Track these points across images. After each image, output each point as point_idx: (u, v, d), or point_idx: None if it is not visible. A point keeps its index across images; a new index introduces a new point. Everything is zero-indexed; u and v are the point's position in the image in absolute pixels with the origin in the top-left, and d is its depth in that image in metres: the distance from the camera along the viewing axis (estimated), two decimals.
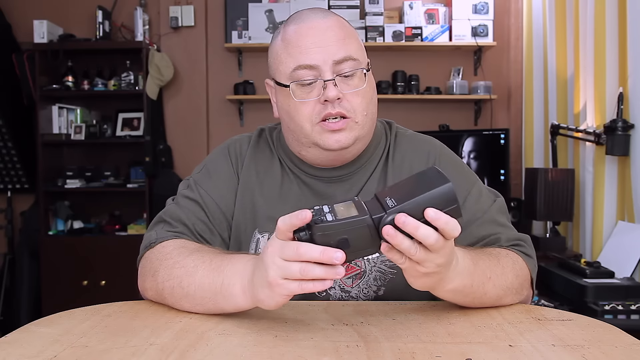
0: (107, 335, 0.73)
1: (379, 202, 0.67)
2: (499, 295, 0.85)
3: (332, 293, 0.97)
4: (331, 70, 0.91)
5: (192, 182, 1.03)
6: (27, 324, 0.78)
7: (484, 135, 3.17)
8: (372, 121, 0.98)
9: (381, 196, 0.68)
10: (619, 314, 1.79)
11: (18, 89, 3.39)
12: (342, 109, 0.92)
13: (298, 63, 0.91)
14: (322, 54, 0.91)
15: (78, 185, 3.42)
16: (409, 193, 0.66)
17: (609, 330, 0.76)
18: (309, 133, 0.94)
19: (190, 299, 0.82)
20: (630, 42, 2.09)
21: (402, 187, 0.69)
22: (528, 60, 3.15)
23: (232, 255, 0.83)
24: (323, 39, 0.91)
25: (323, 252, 0.65)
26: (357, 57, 0.93)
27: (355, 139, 0.94)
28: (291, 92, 0.93)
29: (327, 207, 0.68)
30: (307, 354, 0.66)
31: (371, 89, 0.97)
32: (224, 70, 3.59)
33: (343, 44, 0.92)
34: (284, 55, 0.94)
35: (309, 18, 0.94)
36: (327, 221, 0.64)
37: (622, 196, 2.22)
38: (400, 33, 3.39)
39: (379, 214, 0.65)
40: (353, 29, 0.98)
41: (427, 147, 1.05)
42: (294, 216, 0.66)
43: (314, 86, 0.92)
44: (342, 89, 0.92)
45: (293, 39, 0.93)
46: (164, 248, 0.91)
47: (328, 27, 0.93)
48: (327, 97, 0.90)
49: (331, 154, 0.96)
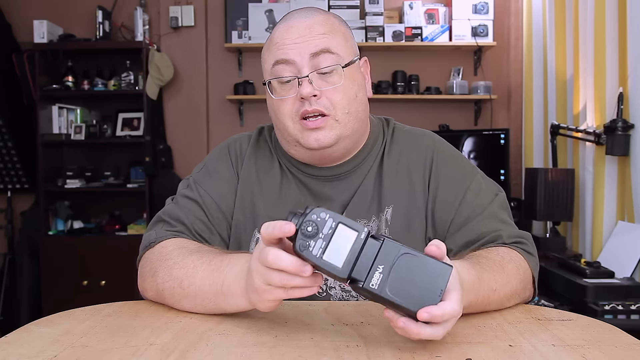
0: (107, 335, 0.73)
1: (372, 262, 0.62)
2: (502, 302, 0.85)
3: (332, 293, 0.97)
4: (308, 66, 0.91)
5: (191, 181, 1.03)
6: (27, 324, 0.78)
7: (484, 135, 3.17)
8: (356, 119, 0.96)
9: (381, 255, 0.62)
10: (619, 314, 1.79)
11: (18, 89, 3.39)
12: (320, 107, 0.91)
13: (276, 58, 0.93)
14: (299, 49, 0.91)
15: (78, 185, 3.42)
16: (397, 282, 0.62)
17: (609, 330, 0.76)
18: (291, 131, 0.94)
19: (190, 300, 0.82)
20: (630, 42, 2.09)
21: (402, 265, 0.62)
22: (528, 60, 3.15)
23: (231, 255, 0.82)
24: (301, 35, 0.92)
25: (293, 264, 0.63)
26: (337, 52, 0.92)
27: (336, 137, 0.93)
28: (269, 89, 0.94)
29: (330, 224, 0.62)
30: (307, 354, 0.66)
31: (355, 85, 0.95)
32: (224, 70, 3.59)
33: (322, 38, 0.92)
34: (267, 54, 0.96)
35: (293, 17, 0.95)
36: (311, 254, 0.61)
37: (622, 196, 2.21)
38: (400, 33, 3.39)
39: (357, 278, 0.62)
40: (341, 26, 0.97)
41: (425, 142, 1.03)
42: (276, 227, 0.63)
43: (293, 83, 0.92)
44: (320, 86, 0.91)
45: (275, 37, 0.95)
46: (163, 248, 0.90)
47: (309, 24, 0.93)
48: (302, 94, 0.90)
49: (316, 153, 0.96)
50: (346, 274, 0.62)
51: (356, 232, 0.62)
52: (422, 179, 0.99)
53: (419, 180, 0.99)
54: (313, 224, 0.62)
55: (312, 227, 0.62)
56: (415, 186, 0.99)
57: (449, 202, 0.97)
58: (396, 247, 0.63)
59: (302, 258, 0.63)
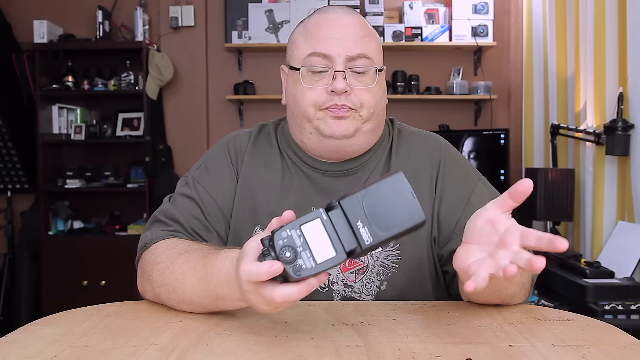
0: (107, 335, 0.73)
1: (350, 226, 0.63)
2: (515, 292, 0.85)
3: (335, 288, 0.97)
4: (344, 64, 0.93)
5: (190, 178, 1.03)
6: (27, 324, 0.77)
7: (484, 135, 3.17)
8: (377, 121, 0.98)
9: (350, 214, 0.63)
10: (619, 314, 1.79)
11: (18, 89, 3.39)
12: (349, 102, 0.93)
13: (313, 50, 0.94)
14: (338, 47, 0.93)
15: (78, 185, 3.41)
16: (381, 219, 0.63)
17: (609, 330, 0.76)
18: (312, 117, 0.95)
19: (187, 304, 0.82)
20: (630, 42, 2.09)
21: (370, 204, 0.63)
22: (528, 60, 3.15)
23: (213, 261, 0.78)
24: (342, 33, 0.94)
25: (302, 293, 0.63)
26: (372, 57, 0.95)
27: (356, 129, 0.95)
28: (301, 76, 0.95)
29: (296, 234, 0.62)
30: (307, 354, 0.66)
31: (381, 90, 0.98)
32: (224, 70, 3.59)
33: (360, 42, 0.94)
34: (301, 41, 0.96)
35: (334, 11, 0.97)
36: (308, 270, 0.61)
37: (622, 196, 2.21)
38: (400, 33, 3.39)
39: (352, 247, 0.63)
40: (376, 33, 1.00)
41: (432, 143, 1.05)
42: (264, 273, 0.62)
43: (324, 75, 0.94)
44: (352, 84, 0.93)
45: (313, 27, 0.96)
46: (156, 250, 0.90)
47: (349, 23, 0.95)
48: (335, 87, 0.92)
49: (331, 143, 0.96)
50: (344, 253, 0.62)
51: (318, 219, 0.63)
52: (429, 180, 1.01)
53: (426, 180, 1.01)
54: (286, 247, 0.61)
55: (289, 250, 0.61)
56: (422, 186, 1.00)
57: (455, 203, 0.98)
58: (352, 198, 0.63)
59: (303, 280, 0.62)
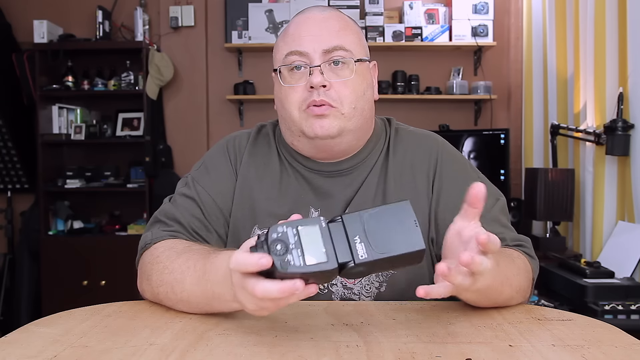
0: (107, 335, 0.73)
1: (347, 240, 0.63)
2: (511, 295, 0.85)
3: (334, 290, 0.97)
4: (321, 59, 0.93)
5: (190, 179, 1.04)
6: (27, 324, 0.77)
7: (484, 135, 3.17)
8: (362, 116, 0.97)
9: (349, 228, 0.63)
10: (619, 314, 1.79)
11: (18, 89, 3.39)
12: (328, 98, 0.93)
13: (290, 49, 0.95)
14: (314, 43, 0.94)
15: (78, 185, 3.41)
16: (379, 240, 0.63)
17: (609, 330, 0.76)
18: (296, 120, 0.95)
19: (185, 304, 0.82)
20: (630, 42, 2.09)
21: (372, 224, 0.64)
22: (528, 60, 3.15)
23: (213, 260, 0.79)
24: (317, 29, 0.95)
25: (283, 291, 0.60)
26: (350, 49, 0.95)
27: (340, 129, 0.94)
28: (280, 77, 0.96)
29: (292, 232, 0.61)
30: (307, 354, 0.66)
31: (364, 84, 0.97)
32: (224, 70, 3.59)
33: (336, 35, 0.95)
34: (281, 44, 0.98)
35: (310, 10, 0.99)
36: (295, 267, 0.60)
37: (622, 196, 2.21)
38: (400, 33, 3.39)
39: (346, 260, 0.62)
40: (354, 25, 1.01)
41: (429, 143, 1.05)
42: (252, 264, 0.61)
43: (303, 73, 0.94)
44: (330, 78, 0.93)
45: (291, 28, 0.98)
46: (155, 250, 0.91)
47: (324, 19, 0.96)
48: (312, 82, 0.92)
49: (318, 144, 0.96)
50: (335, 262, 0.61)
51: (317, 225, 0.62)
52: (426, 179, 1.01)
53: (423, 180, 1.00)
54: (279, 241, 0.60)
55: (280, 244, 0.60)
56: (419, 186, 1.00)
57: (453, 203, 0.98)
58: (355, 215, 0.64)
59: (288, 277, 0.61)
